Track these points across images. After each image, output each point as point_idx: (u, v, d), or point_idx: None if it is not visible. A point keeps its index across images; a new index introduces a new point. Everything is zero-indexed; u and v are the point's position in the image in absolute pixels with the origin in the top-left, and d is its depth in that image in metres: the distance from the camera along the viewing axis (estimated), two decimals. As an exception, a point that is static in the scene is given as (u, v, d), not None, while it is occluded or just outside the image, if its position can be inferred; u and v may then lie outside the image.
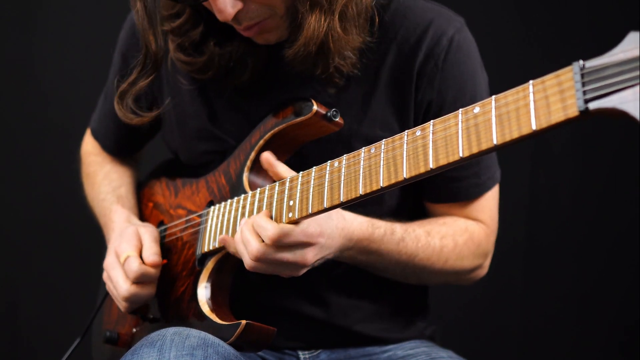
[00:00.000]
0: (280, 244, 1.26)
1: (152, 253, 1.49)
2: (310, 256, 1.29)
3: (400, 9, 1.46)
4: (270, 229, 1.25)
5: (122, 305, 1.51)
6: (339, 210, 1.36)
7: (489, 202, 1.57)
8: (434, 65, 1.45)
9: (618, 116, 0.87)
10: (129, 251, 1.49)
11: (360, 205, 1.48)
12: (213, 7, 1.32)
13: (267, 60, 1.48)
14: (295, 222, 1.27)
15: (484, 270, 1.61)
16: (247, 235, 1.29)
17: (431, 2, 1.50)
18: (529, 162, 2.56)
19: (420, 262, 1.48)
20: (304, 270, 1.33)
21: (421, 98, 1.46)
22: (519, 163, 2.54)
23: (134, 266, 1.46)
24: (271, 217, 1.30)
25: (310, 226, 1.28)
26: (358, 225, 1.38)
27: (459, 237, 1.52)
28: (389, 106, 1.47)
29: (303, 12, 1.31)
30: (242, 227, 1.31)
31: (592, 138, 2.45)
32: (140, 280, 1.47)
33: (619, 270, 2.52)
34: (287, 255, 1.28)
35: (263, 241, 1.27)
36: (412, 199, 1.59)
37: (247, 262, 1.30)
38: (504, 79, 1.35)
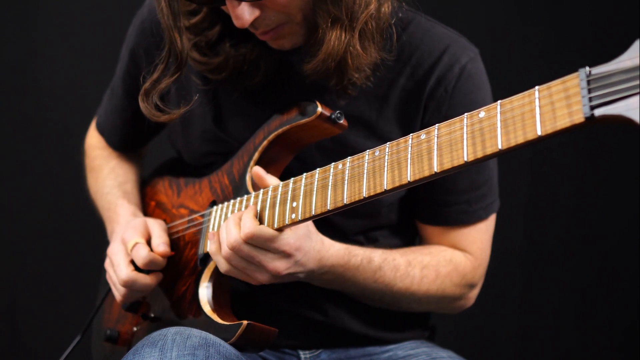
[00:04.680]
0: (253, 242, 1.28)
1: (161, 242, 1.49)
2: (283, 267, 1.31)
3: (417, 32, 1.47)
4: (247, 225, 1.27)
5: (119, 291, 1.50)
6: (318, 233, 1.37)
7: (480, 234, 1.56)
8: (443, 90, 1.45)
9: (624, 123, 0.87)
10: (136, 238, 1.49)
11: (357, 216, 1.50)
12: (230, 13, 1.32)
13: (279, 66, 1.48)
14: (279, 230, 1.29)
15: (469, 301, 1.61)
16: (231, 225, 1.31)
17: (448, 29, 1.51)
18: (529, 162, 2.56)
19: (399, 291, 1.48)
20: (273, 280, 1.34)
21: (427, 121, 1.46)
22: (519, 163, 2.54)
23: (143, 252, 1.46)
24: (256, 216, 1.31)
25: (290, 238, 1.29)
26: (335, 252, 1.39)
27: (442, 268, 1.51)
28: (396, 125, 1.47)
29: (324, 28, 1.32)
30: (229, 217, 1.33)
31: (593, 139, 2.45)
32: (147, 267, 1.46)
33: (619, 272, 2.53)
34: (258, 255, 1.29)
35: None
36: (411, 217, 1.60)
37: (224, 249, 1.32)
38: (509, 84, 1.36)
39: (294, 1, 1.31)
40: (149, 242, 1.51)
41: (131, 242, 1.48)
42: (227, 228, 1.31)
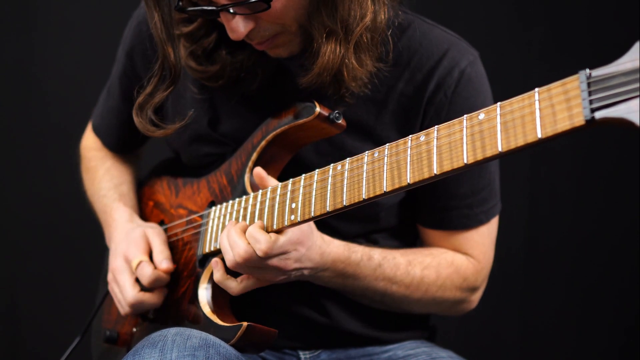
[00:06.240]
0: (270, 254, 1.28)
1: (164, 258, 1.49)
2: (291, 262, 1.31)
3: (416, 36, 1.45)
4: (263, 243, 1.27)
5: (125, 310, 1.51)
6: (317, 230, 1.36)
7: (482, 238, 1.55)
8: (443, 95, 1.44)
9: (624, 126, 0.86)
10: (140, 256, 1.49)
11: (356, 220, 1.49)
12: (225, 25, 1.32)
13: (276, 72, 1.47)
14: (279, 231, 1.29)
15: (471, 304, 1.60)
16: (235, 238, 1.30)
17: (447, 31, 1.49)
18: (529, 163, 2.56)
19: (398, 290, 1.47)
20: (282, 278, 1.35)
21: (427, 125, 1.45)
22: (520, 164, 2.54)
23: (148, 272, 1.46)
24: (263, 228, 1.31)
25: (294, 234, 1.30)
26: (335, 247, 1.39)
27: (443, 269, 1.51)
28: (394, 130, 1.46)
29: (319, 41, 1.31)
30: (230, 229, 1.32)
31: (593, 139, 2.45)
32: (152, 286, 1.47)
33: (620, 273, 2.52)
34: (274, 261, 1.30)
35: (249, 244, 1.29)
36: (411, 220, 1.59)
37: (231, 260, 1.31)
38: (510, 87, 1.35)
39: (289, 12, 1.30)
40: (150, 256, 1.51)
41: (135, 260, 1.49)
42: (233, 242, 1.30)
